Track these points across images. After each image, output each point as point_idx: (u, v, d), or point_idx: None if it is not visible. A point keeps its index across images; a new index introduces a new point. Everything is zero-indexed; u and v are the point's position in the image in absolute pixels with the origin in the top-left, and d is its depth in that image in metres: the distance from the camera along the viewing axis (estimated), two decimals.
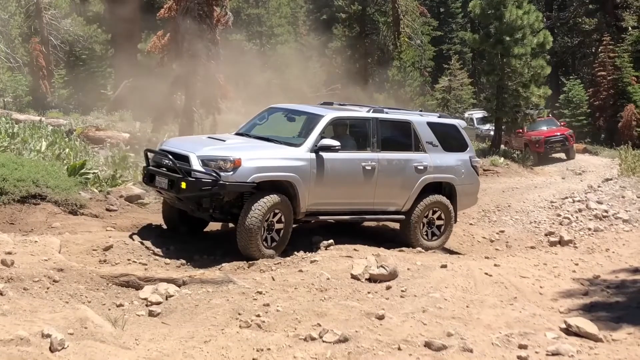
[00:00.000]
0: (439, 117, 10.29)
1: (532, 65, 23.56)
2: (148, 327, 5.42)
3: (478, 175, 10.29)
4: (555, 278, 8.23)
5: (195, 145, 8.31)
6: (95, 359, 4.44)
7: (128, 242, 7.96)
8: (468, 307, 6.37)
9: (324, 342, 5.12)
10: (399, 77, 30.76)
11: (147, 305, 6.02)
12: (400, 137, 9.40)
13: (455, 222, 9.93)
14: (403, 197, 9.28)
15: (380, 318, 5.73)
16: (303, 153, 8.33)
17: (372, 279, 7.16)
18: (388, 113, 9.52)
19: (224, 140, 8.72)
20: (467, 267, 7.84)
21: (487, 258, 8.98)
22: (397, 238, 9.61)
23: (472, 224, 12.23)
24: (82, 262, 7.02)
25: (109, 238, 7.99)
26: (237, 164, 7.77)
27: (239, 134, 9.41)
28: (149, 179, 8.45)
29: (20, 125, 15.61)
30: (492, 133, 26.37)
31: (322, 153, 8.39)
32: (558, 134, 25.38)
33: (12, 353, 4.25)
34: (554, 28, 41.77)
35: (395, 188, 9.20)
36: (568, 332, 5.93)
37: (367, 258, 7.66)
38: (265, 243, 7.97)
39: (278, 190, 8.05)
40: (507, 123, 25.21)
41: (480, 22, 30.04)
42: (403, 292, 6.81)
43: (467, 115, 29.51)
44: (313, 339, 5.16)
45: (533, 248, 10.56)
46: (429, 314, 6.04)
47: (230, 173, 7.72)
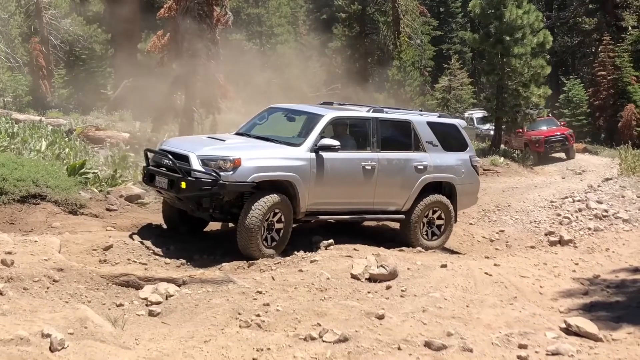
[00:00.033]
0: (439, 116, 10.29)
1: (532, 65, 23.57)
2: (148, 326, 5.42)
3: (478, 175, 10.29)
4: (555, 278, 8.23)
5: (195, 145, 8.30)
6: (95, 359, 4.44)
7: (128, 241, 7.96)
8: (468, 306, 6.37)
9: (324, 341, 5.12)
10: (399, 76, 30.75)
11: (147, 305, 6.01)
12: (400, 136, 9.40)
13: (455, 221, 9.93)
14: (403, 196, 9.27)
15: (380, 318, 5.72)
16: (303, 153, 8.33)
17: (372, 279, 7.15)
18: (388, 113, 9.52)
19: (224, 140, 8.71)
20: (467, 266, 7.84)
21: (487, 258, 8.98)
22: (397, 238, 9.61)
23: (472, 224, 12.23)
24: (82, 261, 7.02)
25: (109, 238, 7.99)
26: (237, 164, 7.76)
27: (239, 134, 9.40)
28: (149, 179, 8.45)
29: (20, 125, 15.62)
30: (492, 133, 26.38)
31: (322, 153, 8.39)
32: (558, 134, 25.38)
33: (12, 353, 4.25)
34: (554, 28, 41.78)
35: (395, 188, 9.20)
36: (568, 331, 5.92)
37: (367, 258, 7.65)
38: (265, 243, 7.97)
39: (278, 190, 8.05)
40: (507, 123, 25.22)
41: (480, 21, 30.08)
42: (403, 291, 6.81)
43: (467, 115, 29.50)
44: (313, 339, 5.16)
45: (533, 248, 10.56)
46: (429, 314, 6.04)
47: (230, 173, 7.72)
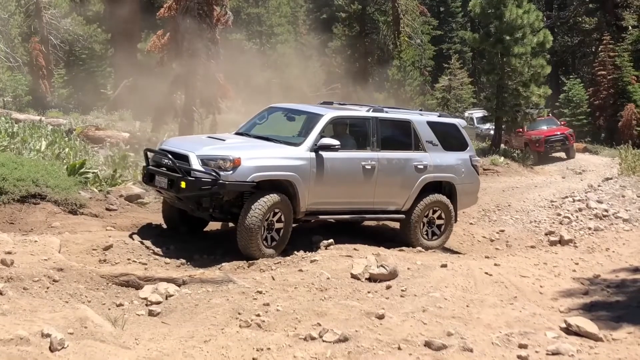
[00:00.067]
0: (439, 116, 10.29)
1: (532, 65, 23.58)
2: (148, 326, 5.42)
3: (478, 175, 10.28)
4: (556, 277, 8.22)
5: (195, 145, 8.30)
6: (95, 359, 4.44)
7: (128, 241, 7.96)
8: (468, 306, 6.37)
9: (324, 341, 5.11)
10: (399, 76, 30.74)
11: (147, 305, 6.01)
12: (400, 136, 9.39)
13: (456, 221, 9.92)
14: (403, 196, 9.27)
15: (380, 317, 5.72)
16: (303, 152, 8.32)
17: (372, 279, 7.15)
18: (388, 112, 9.51)
19: (224, 140, 8.71)
20: (467, 266, 7.84)
21: (487, 257, 8.98)
22: (397, 237, 9.60)
23: (472, 224, 12.23)
24: (82, 261, 7.02)
25: (109, 237, 7.98)
26: (236, 164, 7.76)
27: (239, 134, 9.40)
28: (149, 179, 8.44)
29: (20, 125, 15.63)
30: (492, 132, 26.40)
31: (321, 152, 8.38)
32: (558, 133, 25.39)
33: (12, 353, 4.25)
34: (554, 27, 41.79)
35: (395, 187, 9.19)
36: (568, 331, 5.92)
37: (367, 257, 7.65)
38: (265, 242, 7.96)
39: (278, 190, 8.04)
40: (507, 122, 25.23)
41: (480, 21, 30.10)
42: (403, 291, 6.80)
43: (467, 115, 29.52)
44: (313, 339, 5.16)
45: (533, 247, 10.55)
46: (429, 314, 6.03)
47: (230, 172, 7.71)
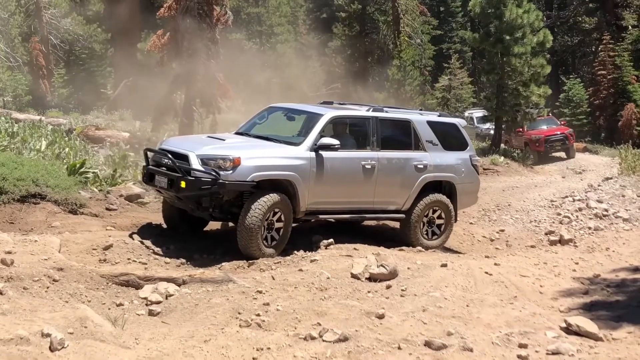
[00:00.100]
0: (439, 116, 10.29)
1: (532, 64, 23.58)
2: (148, 326, 5.42)
3: (478, 174, 10.28)
4: (556, 277, 8.22)
5: (195, 145, 8.30)
6: (95, 358, 4.44)
7: (128, 241, 7.96)
8: (468, 306, 6.37)
9: (324, 341, 5.12)
10: (399, 76, 30.72)
11: (147, 305, 6.01)
12: (400, 136, 9.39)
13: (456, 221, 9.92)
14: (403, 196, 9.27)
15: (381, 317, 5.72)
16: (303, 152, 8.32)
17: (372, 278, 7.15)
18: (388, 112, 9.51)
19: (224, 140, 8.71)
20: (467, 266, 7.84)
21: (487, 257, 8.99)
22: (397, 237, 9.60)
23: (472, 223, 12.23)
24: (82, 261, 7.02)
25: (109, 237, 7.98)
26: (236, 163, 7.75)
27: (239, 133, 9.39)
28: (149, 178, 8.44)
29: (20, 125, 15.64)
30: (492, 132, 26.40)
31: (321, 152, 8.38)
32: (558, 133, 25.39)
33: (12, 352, 4.25)
34: (554, 27, 41.78)
35: (395, 187, 9.19)
36: (568, 331, 5.92)
37: (367, 257, 7.65)
38: (266, 242, 7.96)
39: (278, 189, 8.04)
40: (507, 122, 25.24)
41: (480, 21, 30.11)
42: (403, 291, 6.80)
43: (467, 114, 29.53)
44: (313, 338, 5.16)
45: (533, 247, 10.55)
46: (429, 313, 6.03)
47: (230, 172, 7.71)
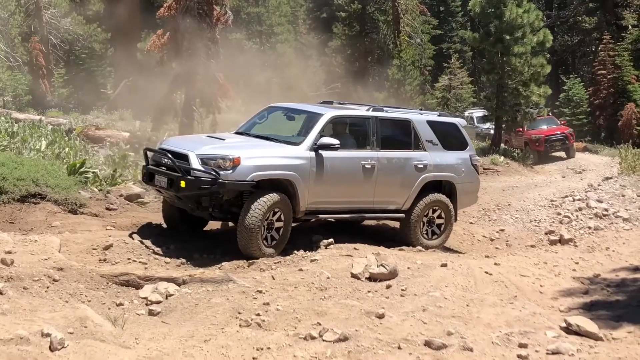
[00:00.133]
0: (439, 115, 10.28)
1: (532, 64, 23.58)
2: (148, 326, 5.42)
3: (478, 174, 10.28)
4: (556, 277, 8.22)
5: (195, 144, 8.29)
6: (95, 358, 4.44)
7: (128, 241, 7.96)
8: (468, 306, 6.37)
9: (324, 341, 5.12)
10: (399, 75, 30.72)
11: (147, 305, 6.01)
12: (400, 135, 9.39)
13: (456, 220, 9.92)
14: (403, 195, 9.27)
15: (381, 317, 5.72)
16: (302, 152, 8.31)
17: (372, 278, 7.15)
18: (388, 112, 9.51)
19: (224, 139, 8.71)
20: (467, 265, 7.84)
21: (487, 257, 8.99)
22: (397, 237, 9.60)
23: (472, 223, 12.23)
24: (82, 261, 7.01)
25: (109, 237, 7.98)
26: (236, 163, 7.75)
27: (239, 133, 9.39)
28: (149, 178, 8.44)
29: (20, 125, 15.64)
30: (492, 132, 26.40)
31: (321, 151, 8.38)
32: (558, 133, 25.39)
33: (11, 352, 4.25)
34: (554, 27, 41.79)
35: (395, 187, 9.19)
36: (568, 330, 5.92)
37: (367, 257, 7.65)
38: (265, 242, 7.96)
39: (277, 189, 8.04)
40: (507, 122, 25.24)
41: (480, 20, 30.09)
42: (403, 291, 6.80)
43: (467, 114, 29.53)
44: (313, 338, 5.16)
45: (533, 247, 10.56)
46: (429, 313, 6.04)
47: (230, 172, 7.71)
